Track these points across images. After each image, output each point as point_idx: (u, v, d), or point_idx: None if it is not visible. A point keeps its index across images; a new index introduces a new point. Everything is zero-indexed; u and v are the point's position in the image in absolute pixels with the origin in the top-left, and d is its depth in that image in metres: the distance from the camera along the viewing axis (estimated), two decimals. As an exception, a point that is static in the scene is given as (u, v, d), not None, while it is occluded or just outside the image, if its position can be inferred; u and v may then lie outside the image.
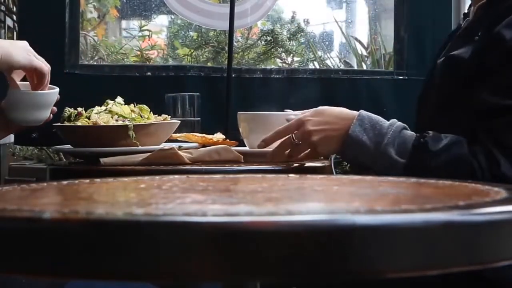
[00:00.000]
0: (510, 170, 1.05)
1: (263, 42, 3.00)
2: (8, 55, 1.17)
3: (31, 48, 1.22)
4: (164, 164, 1.25)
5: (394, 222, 0.44)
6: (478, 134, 1.10)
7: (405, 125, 1.17)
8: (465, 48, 1.15)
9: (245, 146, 1.44)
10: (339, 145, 1.18)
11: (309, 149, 1.23)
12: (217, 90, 2.15)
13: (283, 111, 1.40)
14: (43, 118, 1.27)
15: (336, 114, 1.21)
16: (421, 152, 1.11)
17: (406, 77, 2.09)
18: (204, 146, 1.42)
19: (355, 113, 1.18)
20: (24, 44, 1.23)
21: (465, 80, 1.14)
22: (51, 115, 1.30)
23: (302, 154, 1.25)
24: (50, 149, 2.70)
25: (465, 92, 1.14)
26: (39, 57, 1.22)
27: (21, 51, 1.19)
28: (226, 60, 2.20)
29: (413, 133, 1.16)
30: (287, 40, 2.99)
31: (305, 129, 1.20)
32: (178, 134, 1.47)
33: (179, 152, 1.27)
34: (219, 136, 1.48)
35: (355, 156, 1.18)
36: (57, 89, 1.29)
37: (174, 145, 1.35)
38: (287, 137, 1.24)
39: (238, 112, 1.49)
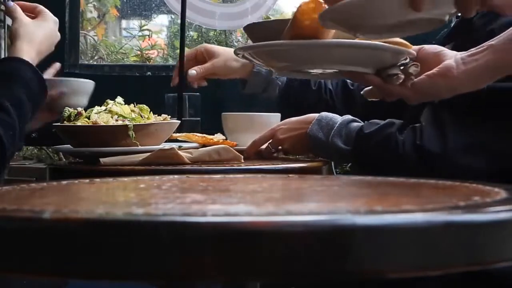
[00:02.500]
0: (431, 143, 1.10)
1: (263, 42, 3.00)
2: (41, 53, 1.26)
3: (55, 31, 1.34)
4: (164, 164, 1.25)
5: (394, 223, 0.44)
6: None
7: (355, 118, 1.28)
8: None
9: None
10: (305, 145, 1.32)
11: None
12: (218, 89, 2.14)
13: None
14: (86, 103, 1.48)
15: (300, 120, 1.34)
16: (359, 137, 1.22)
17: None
18: (204, 146, 1.42)
19: (316, 115, 1.31)
20: (50, 29, 1.32)
21: None
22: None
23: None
24: (50, 149, 2.70)
25: None
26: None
27: (49, 44, 1.29)
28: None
29: (361, 123, 1.25)
30: (287, 40, 2.98)
31: (276, 138, 1.37)
32: (178, 134, 1.47)
33: (179, 152, 1.27)
34: (219, 136, 1.49)
35: (317, 153, 1.33)
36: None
37: (174, 145, 1.35)
38: (264, 146, 1.40)
39: (222, 113, 1.53)
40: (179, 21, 2.26)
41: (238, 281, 0.50)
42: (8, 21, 3.20)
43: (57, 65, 1.50)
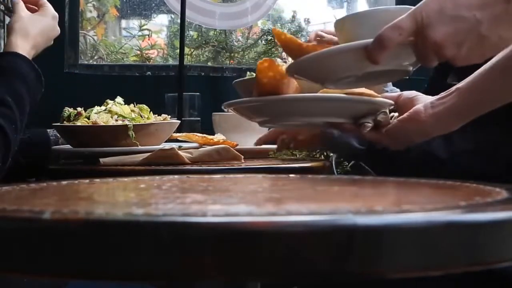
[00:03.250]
0: (438, 148, 1.09)
1: (263, 42, 3.00)
2: (37, 46, 1.25)
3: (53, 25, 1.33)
4: (164, 164, 1.25)
5: (395, 223, 0.44)
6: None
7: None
8: None
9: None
10: (318, 139, 1.32)
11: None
12: (218, 89, 2.14)
13: None
14: None
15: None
16: None
17: (407, 77, 2.09)
18: (203, 146, 1.42)
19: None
20: (48, 23, 1.32)
21: None
22: None
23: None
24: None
25: None
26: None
27: (45, 38, 1.28)
28: (227, 59, 2.21)
29: None
30: (287, 40, 2.98)
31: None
32: (178, 134, 1.48)
33: (179, 152, 1.27)
34: (219, 136, 1.49)
35: (329, 148, 1.36)
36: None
37: (174, 145, 1.35)
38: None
39: (213, 113, 1.54)
40: (179, 20, 2.26)
41: (238, 281, 0.49)
42: (8, 21, 3.20)
43: None
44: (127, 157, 1.28)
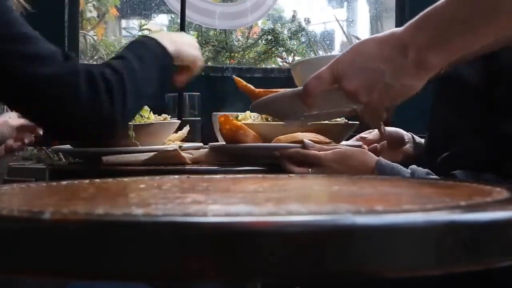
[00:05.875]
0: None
1: (263, 41, 3.00)
2: (179, 51, 1.23)
3: (197, 44, 1.32)
4: (165, 164, 1.26)
5: (395, 222, 0.44)
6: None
7: (428, 170, 1.14)
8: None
9: None
10: None
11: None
12: (218, 89, 2.14)
13: None
14: None
15: (356, 164, 1.21)
16: None
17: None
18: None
19: (374, 161, 1.19)
20: (192, 40, 1.31)
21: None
22: None
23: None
24: (49, 149, 2.70)
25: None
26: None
27: (190, 48, 1.26)
28: (228, 59, 2.21)
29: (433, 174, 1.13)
30: (288, 39, 2.99)
31: (320, 166, 1.23)
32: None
33: (181, 153, 1.28)
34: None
35: None
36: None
37: (175, 146, 1.36)
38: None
39: (213, 113, 1.54)
40: (179, 20, 2.26)
41: (238, 281, 0.50)
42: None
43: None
44: (130, 156, 1.28)
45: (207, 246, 0.42)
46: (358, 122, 1.35)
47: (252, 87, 1.27)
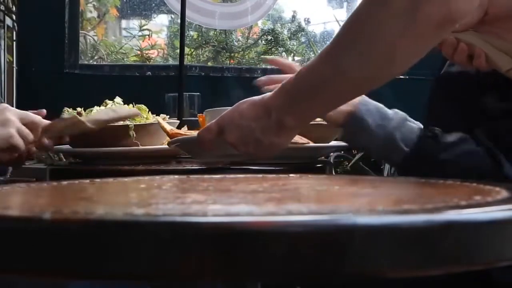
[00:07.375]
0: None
1: (263, 42, 3.00)
2: None
3: (13, 119, 1.19)
4: (156, 162, 1.27)
5: (395, 222, 0.44)
6: (478, 135, 1.10)
7: (407, 116, 1.16)
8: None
9: None
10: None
11: None
12: (218, 89, 2.14)
13: None
14: None
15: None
16: (431, 143, 1.11)
17: (407, 76, 2.09)
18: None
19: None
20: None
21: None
22: None
23: None
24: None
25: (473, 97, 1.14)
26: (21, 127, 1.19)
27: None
28: (228, 59, 2.21)
29: (418, 124, 1.15)
30: (288, 40, 2.99)
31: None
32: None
33: (81, 118, 1.24)
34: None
35: (355, 134, 1.16)
36: None
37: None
38: None
39: (205, 111, 1.54)
40: (179, 20, 2.26)
41: (238, 281, 0.50)
42: (8, 21, 3.20)
43: (43, 112, 1.36)
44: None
45: (207, 246, 0.42)
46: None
47: (166, 128, 1.28)
